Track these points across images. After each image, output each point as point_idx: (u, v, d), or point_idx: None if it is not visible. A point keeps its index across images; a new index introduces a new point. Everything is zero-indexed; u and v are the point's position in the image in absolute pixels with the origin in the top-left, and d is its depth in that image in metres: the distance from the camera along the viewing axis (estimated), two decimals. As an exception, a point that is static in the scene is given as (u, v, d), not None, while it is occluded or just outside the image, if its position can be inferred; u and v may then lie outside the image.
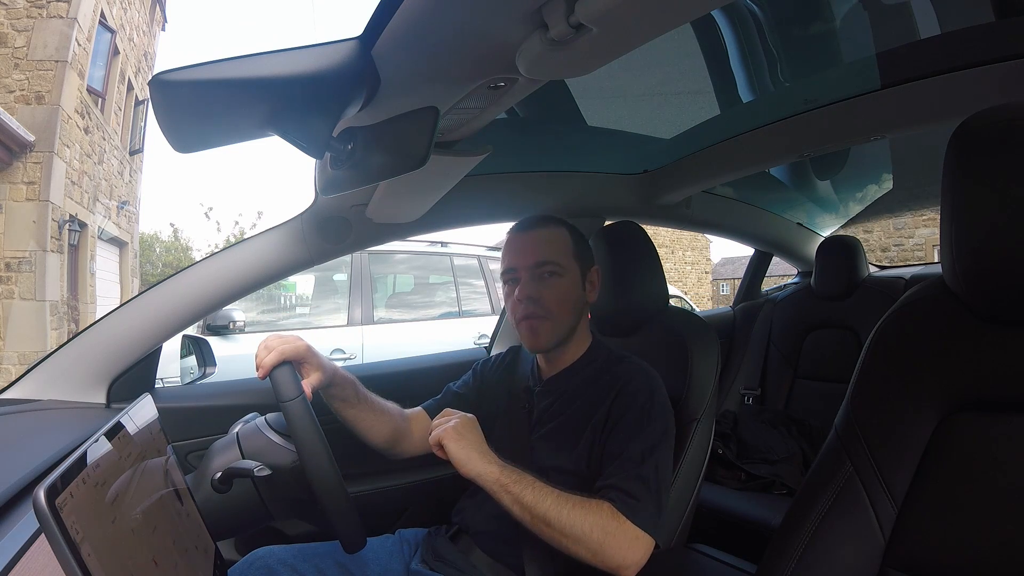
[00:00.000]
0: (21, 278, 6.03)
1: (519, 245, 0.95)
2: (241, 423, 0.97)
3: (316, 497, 0.84)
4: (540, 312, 0.92)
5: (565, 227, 0.97)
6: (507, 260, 0.96)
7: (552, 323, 0.92)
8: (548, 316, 0.92)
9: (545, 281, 0.92)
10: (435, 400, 1.08)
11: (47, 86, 6.32)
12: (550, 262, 0.92)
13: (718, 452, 1.66)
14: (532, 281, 0.92)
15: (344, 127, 0.70)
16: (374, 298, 3.60)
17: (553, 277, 0.92)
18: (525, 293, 0.92)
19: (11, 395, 1.03)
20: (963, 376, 0.60)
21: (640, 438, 0.84)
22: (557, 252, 0.93)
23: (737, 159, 1.41)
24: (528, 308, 0.92)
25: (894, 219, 9.80)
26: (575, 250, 0.96)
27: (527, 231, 0.95)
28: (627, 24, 0.53)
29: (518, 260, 0.94)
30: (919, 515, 0.60)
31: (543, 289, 0.92)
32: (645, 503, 0.79)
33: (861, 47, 1.09)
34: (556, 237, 0.95)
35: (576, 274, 0.95)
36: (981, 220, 0.56)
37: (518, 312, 0.94)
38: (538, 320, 0.92)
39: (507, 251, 0.96)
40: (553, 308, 0.92)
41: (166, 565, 0.56)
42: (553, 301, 0.92)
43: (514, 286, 0.95)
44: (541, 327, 0.92)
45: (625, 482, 0.80)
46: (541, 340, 0.94)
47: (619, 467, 0.82)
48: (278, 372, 0.85)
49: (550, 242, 0.94)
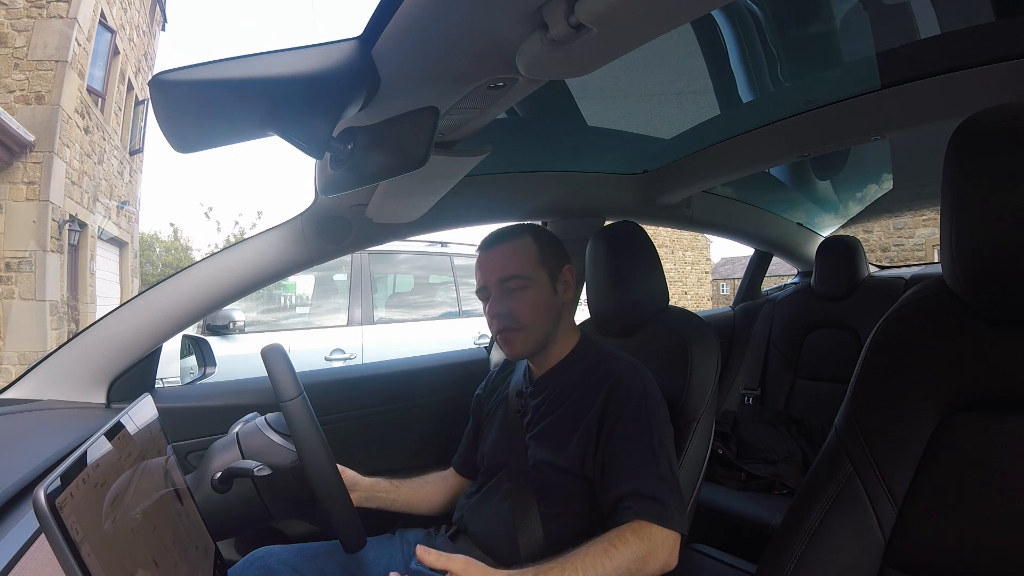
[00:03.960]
0: (21, 278, 6.03)
1: (485, 262, 0.98)
2: (241, 423, 0.97)
3: (316, 497, 0.84)
4: (513, 325, 0.95)
5: (530, 235, 0.99)
6: (478, 278, 1.00)
7: (525, 333, 0.95)
8: (521, 328, 0.95)
9: (513, 295, 0.95)
10: (458, 456, 1.15)
11: (47, 86, 6.32)
12: (514, 276, 0.95)
13: (718, 452, 1.66)
14: (501, 296, 0.96)
15: (344, 127, 0.70)
16: (374, 298, 3.60)
17: (520, 290, 0.95)
18: (496, 310, 0.96)
19: (11, 395, 1.03)
20: (963, 376, 0.60)
21: (647, 436, 0.85)
22: (521, 265, 0.96)
23: (737, 159, 1.41)
24: (501, 323, 0.96)
25: (894, 219, 9.80)
26: (541, 258, 0.97)
27: (490, 248, 0.99)
28: (627, 24, 0.53)
29: (485, 277, 0.98)
30: (919, 515, 0.60)
31: (511, 303, 0.95)
32: (671, 504, 0.80)
33: (861, 47, 1.09)
34: (519, 249, 0.97)
35: (544, 281, 0.97)
36: (981, 220, 0.56)
37: (493, 327, 0.98)
38: (511, 332, 0.95)
39: (476, 269, 1.00)
40: (525, 319, 0.95)
41: (166, 565, 0.56)
42: (523, 313, 0.95)
43: (487, 303, 0.98)
44: (515, 339, 0.96)
45: (647, 487, 0.81)
46: (517, 350, 0.97)
47: (634, 470, 0.82)
48: (278, 372, 0.85)
49: (513, 255, 0.97)
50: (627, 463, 0.83)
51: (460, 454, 1.14)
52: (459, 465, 1.13)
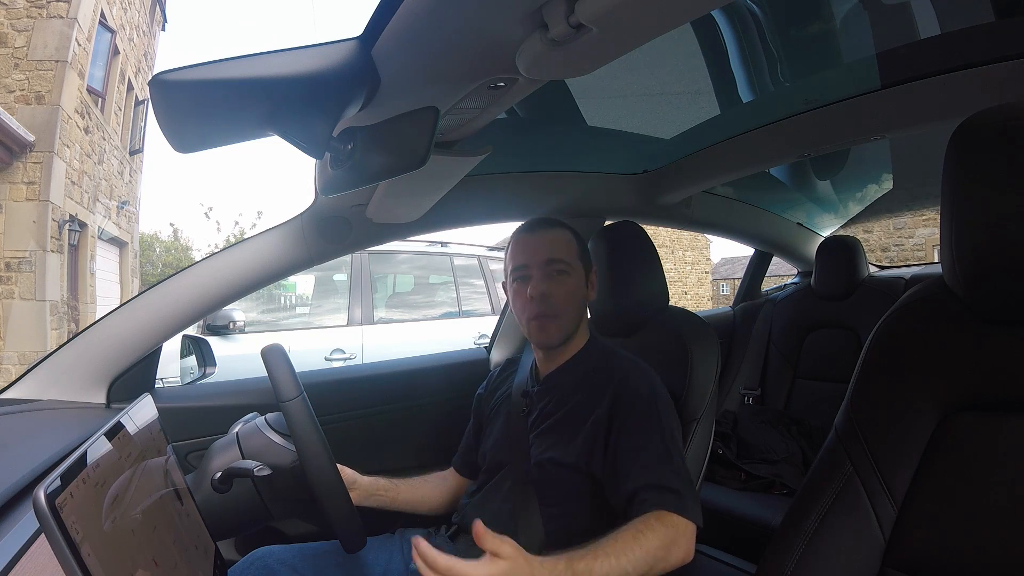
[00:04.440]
0: (21, 278, 6.02)
1: (530, 244, 0.99)
2: (241, 423, 0.97)
3: (316, 497, 0.84)
4: (550, 311, 0.96)
5: (569, 230, 1.02)
6: (519, 258, 0.99)
7: (560, 321, 0.97)
8: (557, 315, 0.96)
9: (555, 279, 0.96)
10: (458, 455, 1.15)
11: (47, 86, 6.31)
12: (560, 260, 0.97)
13: (718, 452, 1.66)
14: (544, 279, 0.96)
15: (344, 127, 0.70)
16: (374, 298, 3.60)
17: (562, 275, 0.97)
18: (538, 290, 0.96)
19: (11, 395, 1.03)
20: (963, 376, 0.60)
21: (658, 432, 0.86)
22: (566, 252, 0.98)
23: (737, 159, 1.41)
24: (539, 307, 0.96)
25: (894, 219, 9.79)
26: (579, 251, 1.01)
27: (537, 231, 1.00)
28: (627, 24, 0.53)
29: (530, 258, 0.98)
30: (919, 515, 0.60)
31: (553, 287, 0.96)
32: (686, 495, 0.82)
33: (861, 47, 1.09)
34: (563, 238, 1.00)
35: (581, 274, 1.00)
36: (981, 220, 0.56)
37: (529, 310, 0.97)
38: (548, 319, 0.96)
39: (517, 250, 1.00)
40: (561, 306, 0.96)
41: (166, 565, 0.56)
42: (561, 299, 0.96)
43: (524, 284, 0.98)
44: (550, 326, 0.97)
45: (664, 479, 0.82)
46: (551, 337, 0.98)
47: (649, 464, 0.83)
48: (278, 372, 0.85)
49: (559, 242, 0.99)
50: (641, 458, 0.84)
51: (460, 454, 1.14)
52: (459, 465, 1.13)
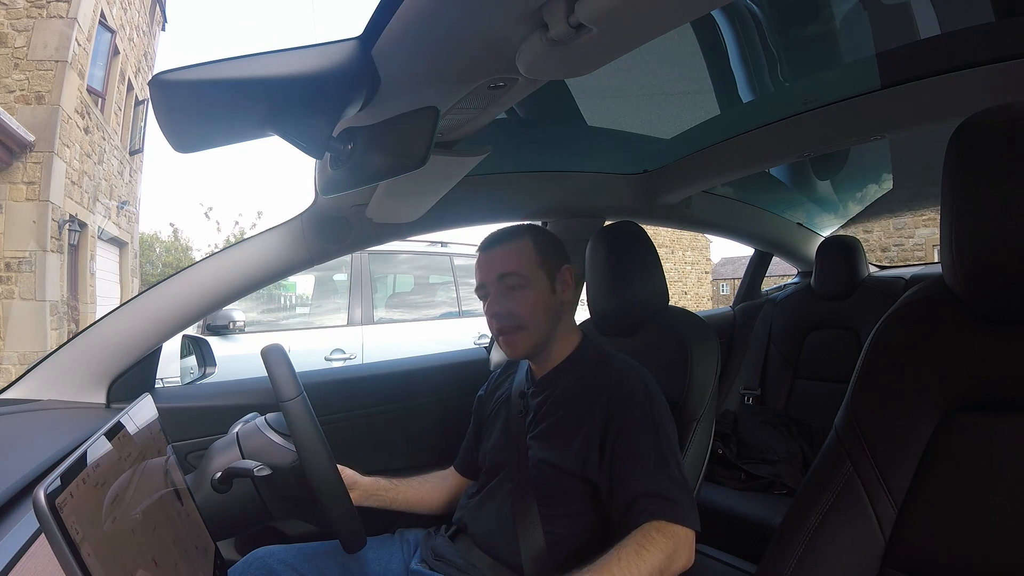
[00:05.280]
0: (21, 278, 6.02)
1: (483, 262, 0.99)
2: (241, 423, 0.97)
3: (316, 497, 0.84)
4: (512, 324, 0.95)
5: (528, 236, 1.00)
6: (477, 277, 1.00)
7: (526, 332, 0.95)
8: (520, 327, 0.95)
9: (511, 293, 0.95)
10: (459, 456, 1.15)
11: (47, 86, 6.31)
12: (513, 273, 0.95)
13: (718, 452, 1.66)
14: (500, 295, 0.96)
15: (344, 127, 0.70)
16: (374, 298, 3.60)
17: (518, 289, 0.95)
18: (494, 309, 0.96)
19: (11, 395, 1.03)
20: (963, 376, 0.60)
21: (654, 437, 0.85)
22: (519, 264, 0.96)
23: (737, 159, 1.41)
24: (500, 323, 0.96)
25: (894, 219, 9.79)
26: (539, 258, 0.98)
27: (488, 249, 1.00)
28: (627, 24, 0.53)
29: (484, 275, 0.99)
30: (919, 515, 0.60)
31: (510, 303, 0.95)
32: (685, 502, 0.81)
33: (861, 47, 1.09)
34: (517, 249, 0.97)
35: (542, 281, 0.97)
36: (981, 220, 0.56)
37: (492, 327, 0.98)
38: (512, 333, 0.96)
39: (476, 269, 1.01)
40: (524, 318, 0.95)
41: (166, 565, 0.56)
42: (522, 312, 0.95)
43: (485, 301, 0.99)
44: (515, 339, 0.96)
45: (661, 487, 0.81)
46: (520, 350, 0.97)
47: (646, 471, 0.83)
48: (278, 372, 0.85)
49: (510, 255, 0.97)
50: (637, 465, 0.83)
51: (461, 455, 1.14)
52: (460, 465, 1.13)
